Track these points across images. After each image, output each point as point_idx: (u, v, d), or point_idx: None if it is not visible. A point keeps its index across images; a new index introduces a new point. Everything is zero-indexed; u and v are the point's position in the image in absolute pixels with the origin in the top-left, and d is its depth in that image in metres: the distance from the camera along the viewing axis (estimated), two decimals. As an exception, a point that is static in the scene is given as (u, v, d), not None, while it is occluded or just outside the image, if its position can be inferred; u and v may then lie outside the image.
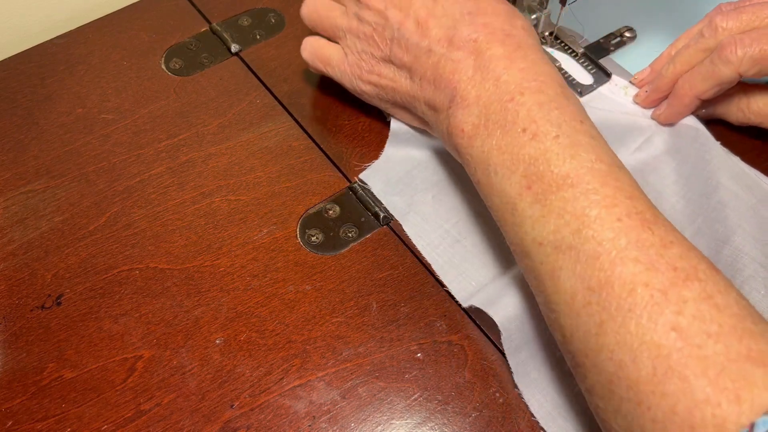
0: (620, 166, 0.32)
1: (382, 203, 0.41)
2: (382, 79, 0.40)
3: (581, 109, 0.34)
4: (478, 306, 0.36)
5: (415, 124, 0.42)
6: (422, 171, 0.43)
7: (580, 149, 0.32)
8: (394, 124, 0.44)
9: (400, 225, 0.41)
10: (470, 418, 0.34)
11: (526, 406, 0.34)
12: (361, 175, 0.43)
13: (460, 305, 0.37)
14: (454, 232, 0.40)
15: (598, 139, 0.33)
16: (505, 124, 0.33)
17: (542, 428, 0.34)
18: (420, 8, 0.37)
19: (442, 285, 0.38)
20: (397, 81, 0.39)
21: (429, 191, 0.42)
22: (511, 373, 0.35)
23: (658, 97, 0.44)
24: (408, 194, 0.42)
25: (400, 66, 0.39)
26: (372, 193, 0.42)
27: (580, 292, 0.29)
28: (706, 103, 0.43)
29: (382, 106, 0.43)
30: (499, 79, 0.34)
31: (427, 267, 0.39)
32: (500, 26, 0.36)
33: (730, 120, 0.43)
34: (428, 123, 0.40)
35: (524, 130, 0.32)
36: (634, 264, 0.28)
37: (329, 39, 0.43)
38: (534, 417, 0.34)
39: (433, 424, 0.34)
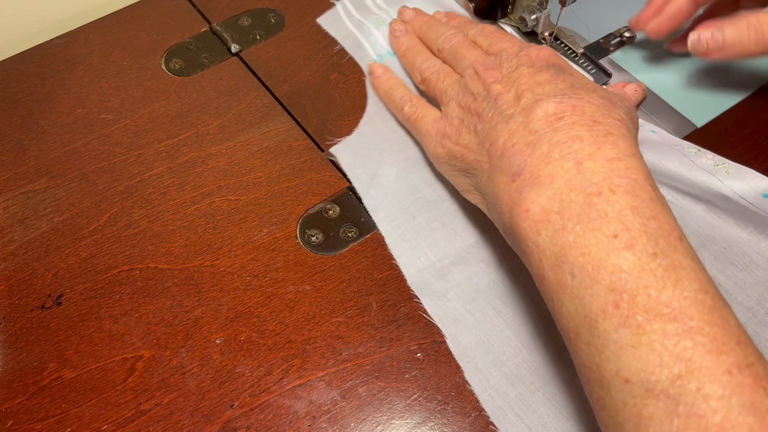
0: (723, 300, 0.27)
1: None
2: (457, 146, 0.37)
3: (675, 221, 0.29)
4: (422, 300, 0.37)
5: (470, 194, 0.38)
6: (392, 146, 0.44)
7: (682, 274, 0.27)
8: (371, 103, 0.45)
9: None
10: (470, 418, 0.34)
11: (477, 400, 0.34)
12: (332, 149, 0.43)
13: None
14: (412, 209, 0.41)
15: (698, 263, 0.28)
16: (588, 222, 0.28)
17: (493, 424, 0.34)
18: (523, 83, 0.35)
19: (392, 259, 0.39)
20: (470, 147, 0.36)
21: (394, 167, 0.43)
22: (462, 370, 0.35)
23: (653, 10, 0.43)
24: (373, 168, 0.43)
25: (479, 133, 0.35)
26: None
27: None
28: (698, 22, 0.41)
29: (444, 167, 0.40)
30: (581, 164, 0.30)
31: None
32: (591, 114, 0.32)
33: (747, 53, 0.39)
34: (484, 195, 0.36)
35: (615, 237, 0.28)
36: None
37: (431, 95, 0.42)
38: (484, 411, 0.34)
39: (433, 423, 0.34)
